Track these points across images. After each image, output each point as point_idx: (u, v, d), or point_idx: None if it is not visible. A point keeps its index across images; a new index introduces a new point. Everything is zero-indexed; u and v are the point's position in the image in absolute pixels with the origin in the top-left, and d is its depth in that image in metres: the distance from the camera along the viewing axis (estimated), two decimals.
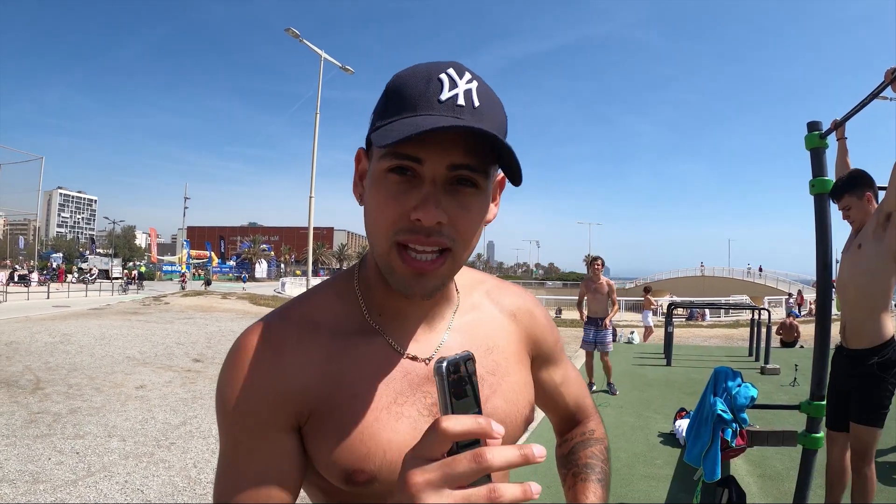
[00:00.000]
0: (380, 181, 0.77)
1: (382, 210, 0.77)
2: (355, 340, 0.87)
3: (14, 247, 63.43)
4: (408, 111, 0.74)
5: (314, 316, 0.88)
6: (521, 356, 1.02)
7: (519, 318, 1.05)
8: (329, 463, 0.81)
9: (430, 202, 0.74)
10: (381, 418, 0.82)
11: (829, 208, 3.10)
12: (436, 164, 0.74)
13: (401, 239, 0.77)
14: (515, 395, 0.95)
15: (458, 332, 0.94)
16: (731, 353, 13.34)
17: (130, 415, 6.91)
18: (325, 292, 0.94)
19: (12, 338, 12.91)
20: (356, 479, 0.80)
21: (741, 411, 3.70)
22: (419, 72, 0.78)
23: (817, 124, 3.10)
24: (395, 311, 0.90)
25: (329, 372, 0.84)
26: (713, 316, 29.27)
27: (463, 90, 0.75)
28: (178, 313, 21.16)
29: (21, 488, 4.62)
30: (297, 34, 25.65)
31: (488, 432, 0.55)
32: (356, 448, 0.80)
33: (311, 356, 0.84)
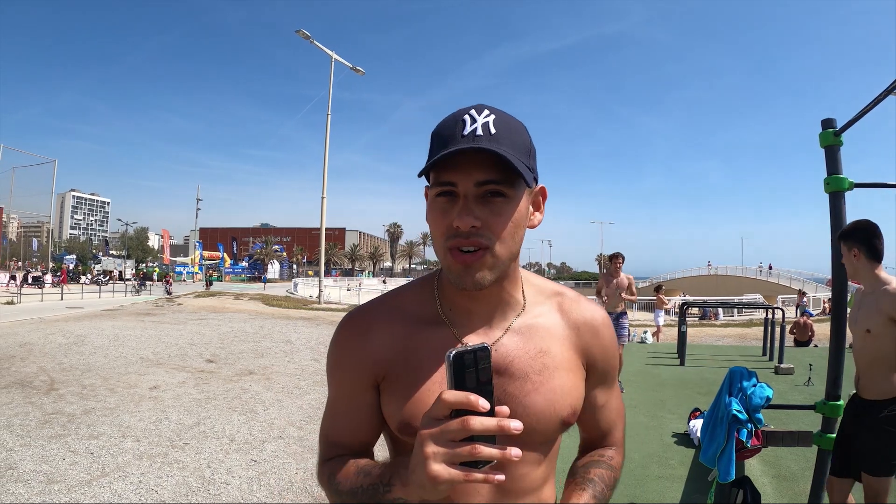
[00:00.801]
0: (432, 205, 1.02)
1: (437, 225, 1.00)
2: (427, 328, 1.10)
3: (28, 248, 63.85)
4: (442, 148, 0.96)
5: (400, 305, 1.14)
6: (575, 364, 1.15)
7: (582, 332, 1.18)
8: (391, 414, 1.08)
9: (463, 212, 0.96)
10: (432, 389, 1.03)
11: (844, 206, 3.08)
12: (466, 184, 0.96)
13: (451, 244, 0.98)
14: (556, 396, 1.09)
15: (515, 333, 1.11)
16: (744, 352, 13.28)
17: (144, 415, 6.93)
18: (413, 288, 1.19)
19: (26, 339, 13.01)
20: (407, 430, 1.04)
21: (756, 411, 3.68)
22: (451, 117, 1.00)
23: (831, 121, 3.08)
24: (462, 309, 1.11)
25: (404, 349, 1.08)
26: (726, 315, 29.11)
27: (481, 123, 0.96)
28: (191, 314, 21.25)
29: (36, 488, 4.65)
30: (307, 35, 25.76)
31: (474, 405, 0.76)
32: (411, 409, 1.04)
33: (393, 334, 1.10)
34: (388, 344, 1.09)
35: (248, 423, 6.73)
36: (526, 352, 1.10)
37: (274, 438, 6.18)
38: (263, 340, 14.32)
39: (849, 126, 3.02)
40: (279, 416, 7.09)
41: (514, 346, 1.10)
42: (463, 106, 1.02)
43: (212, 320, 19.06)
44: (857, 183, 3.07)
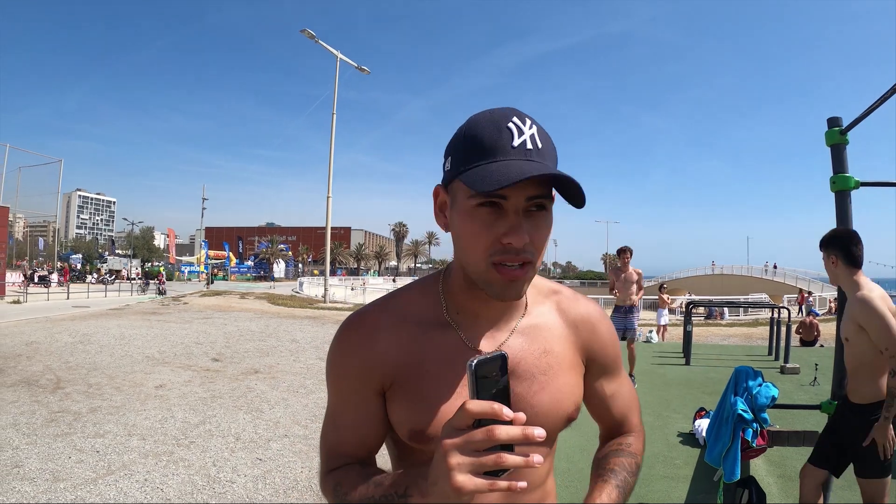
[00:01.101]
0: (471, 214, 0.96)
1: (478, 237, 0.96)
2: (434, 332, 1.09)
3: (34, 248, 64.08)
4: (489, 157, 0.94)
5: (404, 308, 1.12)
6: (575, 362, 1.18)
7: (580, 329, 1.20)
8: (401, 422, 1.06)
9: (520, 230, 0.93)
10: (444, 395, 1.03)
11: (851, 205, 3.07)
12: (517, 199, 0.94)
13: (496, 259, 0.96)
14: (561, 395, 1.12)
15: (520, 334, 1.12)
16: (750, 352, 13.25)
17: (150, 414, 6.96)
18: (415, 290, 1.16)
19: (33, 338, 13.05)
20: (418, 438, 1.04)
21: (762, 411, 3.67)
22: (490, 119, 0.97)
23: (837, 120, 3.07)
24: (469, 312, 1.11)
25: (411, 353, 1.07)
26: (732, 315, 29.07)
27: (529, 136, 0.95)
28: (197, 313, 21.29)
29: (41, 486, 4.66)
30: (312, 35, 25.78)
31: (500, 414, 0.74)
32: (423, 415, 1.03)
33: (398, 338, 1.07)
34: (394, 349, 1.07)
35: (254, 422, 6.74)
36: (531, 353, 1.12)
37: (279, 437, 6.19)
38: (269, 339, 14.35)
39: (855, 124, 3.01)
40: (284, 415, 7.11)
41: (520, 348, 1.11)
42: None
43: (217, 319, 19.10)
44: (863, 182, 3.06)
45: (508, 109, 0.98)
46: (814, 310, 21.83)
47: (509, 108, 0.99)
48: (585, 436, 5.68)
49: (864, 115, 2.95)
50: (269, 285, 53.72)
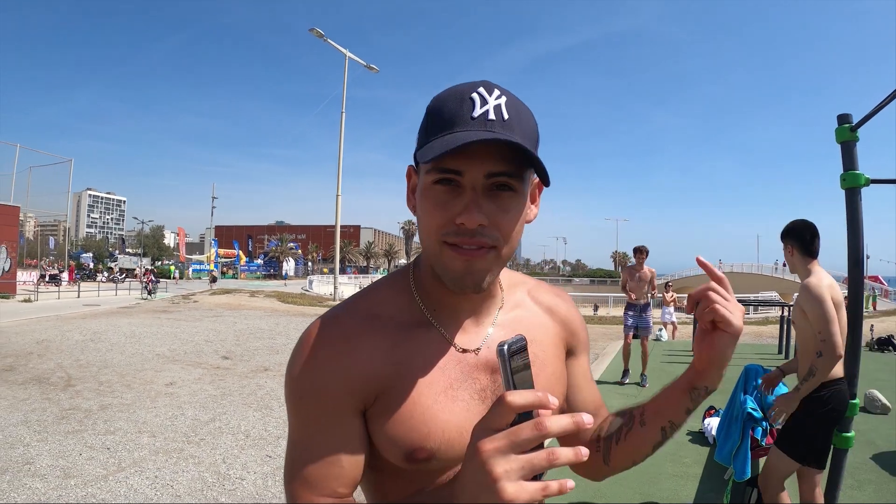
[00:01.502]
0: (427, 192, 0.88)
1: (431, 217, 0.87)
2: (414, 332, 0.97)
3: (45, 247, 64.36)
4: (446, 129, 0.84)
5: (376, 309, 0.99)
6: (558, 349, 1.12)
7: (555, 314, 1.14)
8: (392, 442, 0.91)
9: (472, 208, 0.83)
10: (439, 401, 0.93)
11: (861, 203, 3.05)
12: (474, 174, 0.84)
13: (449, 240, 0.87)
14: (551, 387, 1.04)
15: (502, 327, 1.04)
16: (760, 350, 13.19)
17: (160, 411, 7.00)
18: (385, 289, 1.04)
19: (44, 336, 13.13)
20: (417, 457, 0.91)
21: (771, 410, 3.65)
22: (454, 93, 0.88)
23: (847, 117, 3.05)
24: (447, 307, 1.00)
25: (392, 360, 0.94)
26: None
27: (493, 105, 0.84)
28: (207, 311, 21.37)
29: (52, 483, 4.70)
30: (321, 34, 25.80)
31: (546, 403, 0.65)
32: (418, 428, 0.90)
33: (376, 345, 0.94)
34: (372, 358, 0.93)
35: (264, 419, 6.77)
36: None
37: None
38: (278, 337, 14.39)
39: (865, 121, 2.99)
40: None
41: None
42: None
43: (227, 317, 19.17)
44: (874, 179, 3.04)
45: (480, 81, 0.88)
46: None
47: (481, 81, 0.89)
48: None
49: (874, 111, 2.93)
50: (281, 283, 53.89)
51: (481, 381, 0.98)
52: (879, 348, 13.16)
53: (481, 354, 0.99)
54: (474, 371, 0.98)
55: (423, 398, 0.92)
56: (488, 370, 0.99)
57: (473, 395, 0.96)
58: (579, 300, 39.19)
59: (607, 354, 11.62)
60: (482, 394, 0.97)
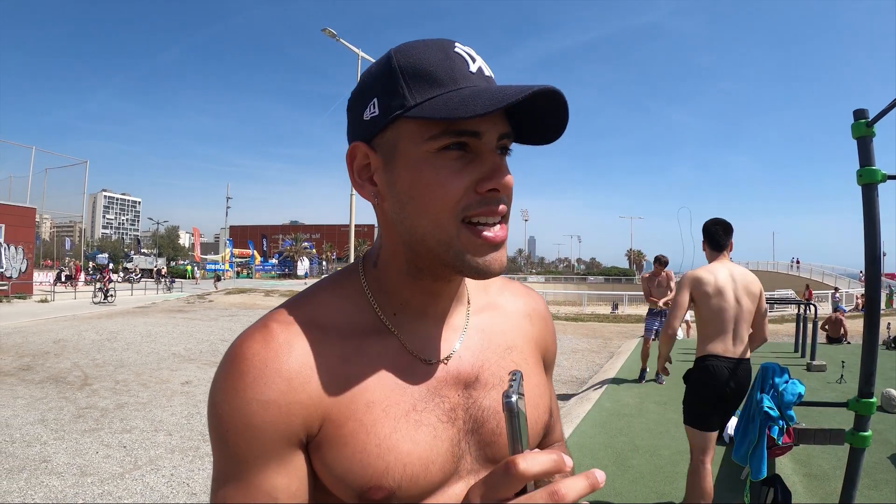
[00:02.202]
0: (430, 161, 0.73)
1: (443, 189, 0.72)
2: (367, 342, 0.80)
3: (61, 248, 64.82)
4: (447, 86, 0.72)
5: (320, 317, 0.81)
6: (537, 357, 0.97)
7: (533, 319, 1.00)
8: (341, 479, 0.74)
9: (503, 167, 0.73)
10: (399, 428, 0.76)
11: (878, 199, 3.02)
12: (491, 136, 0.73)
13: (470, 214, 0.73)
14: (536, 399, 0.90)
15: (475, 332, 0.89)
16: (776, 348, 13.09)
17: (176, 410, 7.05)
18: (328, 291, 0.86)
19: (60, 336, 13.24)
20: (373, 497, 0.74)
21: (788, 408, 3.63)
22: (428, 49, 0.75)
23: (864, 112, 3.02)
24: (412, 310, 0.84)
25: (341, 377, 0.77)
26: None
27: (482, 63, 0.76)
28: (222, 311, 21.48)
29: (69, 481, 4.74)
30: (333, 34, 25.81)
31: (564, 468, 0.54)
32: (374, 462, 0.74)
33: (320, 361, 0.77)
34: (315, 376, 0.75)
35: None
36: (494, 352, 0.89)
37: None
38: None
39: (881, 116, 2.96)
40: None
41: (479, 348, 0.88)
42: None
43: (243, 317, 19.25)
44: (891, 175, 3.01)
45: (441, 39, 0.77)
46: (841, 306, 21.54)
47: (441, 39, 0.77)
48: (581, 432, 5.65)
49: (890, 106, 2.90)
50: (300, 282, 54.08)
51: (451, 399, 0.81)
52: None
53: (451, 365, 0.84)
54: (442, 387, 0.82)
55: (378, 425, 0.75)
56: (459, 385, 0.83)
57: (441, 418, 0.80)
58: (595, 298, 39.12)
59: (622, 353, 11.61)
60: (451, 414, 0.81)
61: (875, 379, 3.13)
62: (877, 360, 3.12)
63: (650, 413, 6.84)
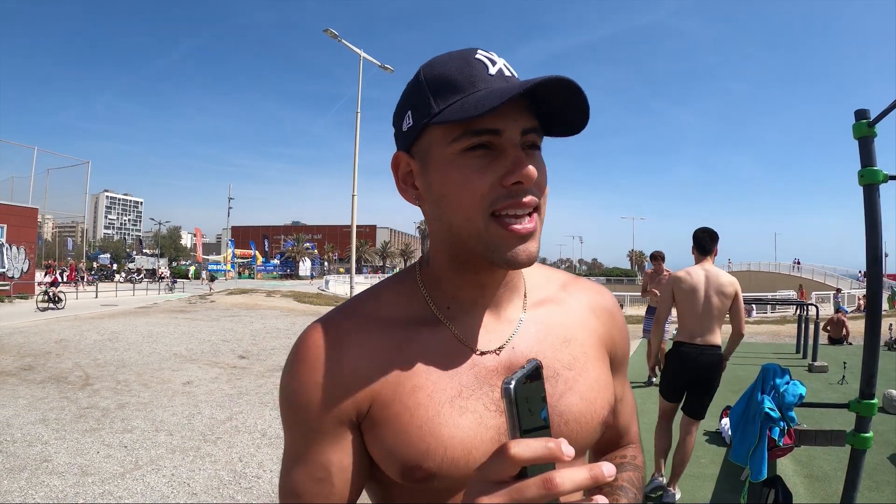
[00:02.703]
0: (456, 162, 0.77)
1: (470, 185, 0.77)
2: (420, 332, 0.86)
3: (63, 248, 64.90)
4: (466, 90, 0.76)
5: (377, 310, 0.88)
6: (601, 353, 0.97)
7: (599, 314, 1.00)
8: (387, 456, 0.81)
9: (525, 161, 0.75)
10: (443, 412, 0.80)
11: (879, 199, 3.02)
12: (512, 132, 0.76)
13: (498, 208, 0.77)
14: (593, 394, 0.89)
15: (531, 323, 0.91)
16: (777, 349, 13.10)
17: (177, 410, 7.05)
18: (388, 288, 0.93)
19: (62, 336, 13.24)
20: (414, 476, 0.79)
21: (789, 409, 3.62)
22: (452, 58, 0.81)
23: (865, 112, 3.02)
24: (463, 303, 0.88)
25: (391, 363, 0.83)
26: (759, 312, 28.73)
27: (502, 64, 0.79)
28: (224, 311, 21.46)
29: (70, 480, 4.74)
30: (335, 34, 25.85)
31: (559, 456, 0.54)
32: (415, 443, 0.78)
33: (373, 349, 0.83)
34: (367, 363, 0.82)
35: (280, 419, 6.78)
36: (549, 344, 0.89)
37: None
38: (295, 337, 14.28)
39: (883, 116, 2.96)
40: None
41: (534, 340, 0.89)
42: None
43: (244, 317, 19.24)
44: (892, 175, 3.01)
45: (468, 48, 0.82)
46: (842, 307, 21.52)
47: (467, 48, 0.82)
48: None
49: (892, 106, 2.90)
50: (306, 282, 54.14)
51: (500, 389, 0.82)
52: None
53: (503, 356, 0.86)
54: (492, 376, 0.84)
55: (422, 409, 0.80)
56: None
57: (489, 406, 0.82)
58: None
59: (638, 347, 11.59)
60: (499, 404, 0.82)
61: (876, 380, 3.12)
62: (878, 362, 3.11)
63: (651, 413, 6.82)
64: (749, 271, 59.94)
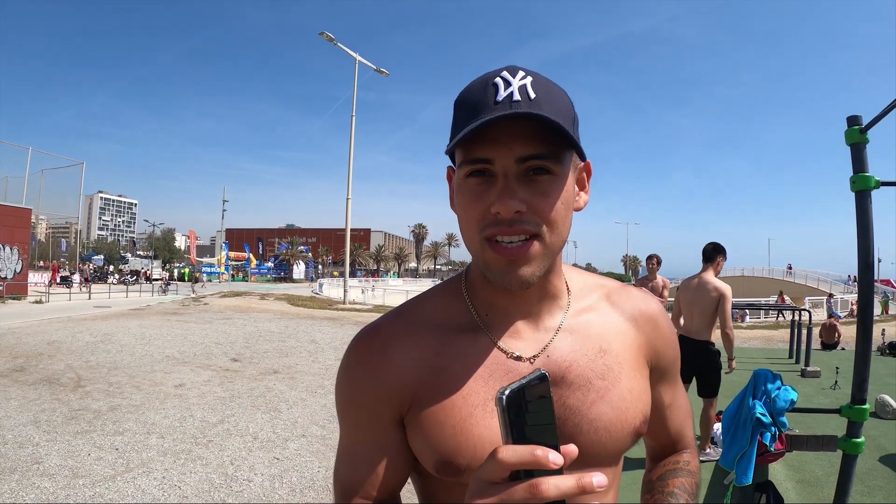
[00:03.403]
0: (462, 188, 0.83)
1: (468, 211, 0.83)
2: (460, 337, 0.91)
3: (56, 249, 64.75)
4: (471, 119, 0.78)
5: (424, 314, 0.95)
6: (639, 363, 0.98)
7: (640, 324, 1.01)
8: (423, 451, 0.87)
9: (504, 195, 0.78)
10: (475, 414, 0.85)
11: (871, 205, 3.02)
12: (505, 160, 0.79)
13: (488, 233, 0.81)
14: (625, 403, 0.91)
15: (568, 333, 0.94)
16: (770, 354, 13.12)
17: (169, 412, 7.02)
18: (437, 293, 1.00)
19: (54, 337, 13.19)
20: (447, 470, 0.85)
21: (781, 415, 3.63)
22: (478, 81, 0.83)
23: (857, 118, 3.02)
24: (500, 310, 0.93)
25: (433, 366, 0.89)
26: (752, 317, 28.80)
27: (517, 86, 0.78)
28: (217, 313, 21.41)
29: (61, 482, 4.72)
30: (331, 38, 25.87)
31: (543, 462, 0.57)
32: (448, 441, 0.84)
33: (418, 351, 0.90)
34: (410, 365, 0.89)
35: (272, 422, 6.78)
36: (584, 353, 0.92)
37: (297, 437, 6.22)
38: (288, 340, 14.39)
39: (875, 123, 2.97)
40: (302, 415, 7.15)
41: (569, 349, 0.92)
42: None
43: (237, 320, 19.20)
44: (884, 181, 3.02)
45: (505, 66, 0.83)
46: (835, 312, 21.55)
47: (507, 66, 0.83)
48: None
49: (884, 112, 2.91)
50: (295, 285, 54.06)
51: None
52: (891, 352, 13.07)
53: (538, 363, 0.89)
54: None
55: (456, 410, 0.86)
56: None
57: None
58: None
59: None
60: None
61: (868, 385, 3.13)
62: (870, 367, 3.12)
63: None
64: (743, 276, 60.08)
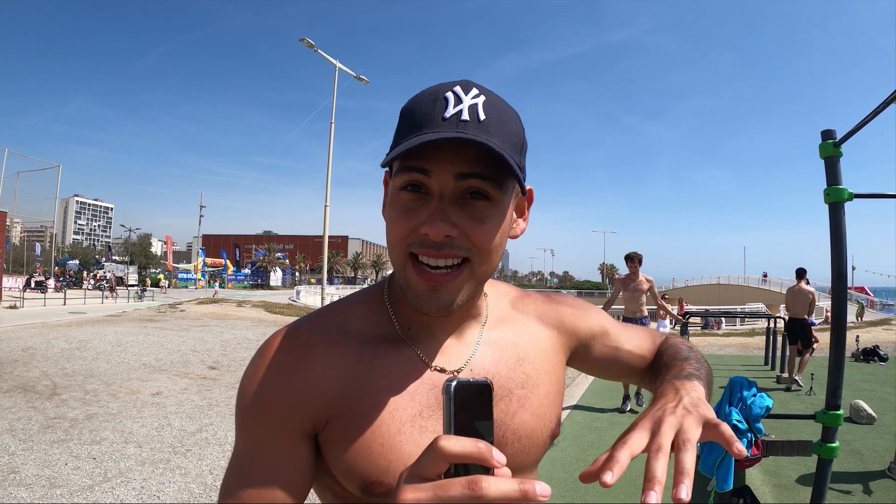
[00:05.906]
0: (394, 199, 0.80)
1: (396, 225, 0.79)
2: (384, 349, 0.87)
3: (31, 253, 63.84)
4: (415, 132, 0.75)
5: (344, 323, 0.89)
6: (554, 365, 1.00)
7: (545, 320, 1.04)
8: (347, 471, 0.81)
9: (437, 216, 0.75)
10: (404, 430, 0.81)
11: (844, 217, 3.09)
12: (443, 178, 0.75)
13: (414, 250, 0.78)
14: (543, 410, 0.93)
15: (488, 346, 0.93)
16: (746, 361, 13.25)
17: (147, 421, 6.95)
18: (356, 302, 0.95)
19: (29, 343, 13.00)
20: (374, 490, 0.80)
21: (756, 421, 3.68)
22: (428, 93, 0.79)
23: (831, 133, 3.09)
24: (423, 324, 0.90)
25: (354, 378, 0.84)
26: (729, 325, 29.06)
27: (468, 105, 0.75)
28: (194, 321, 21.22)
29: (38, 493, 4.66)
30: (311, 44, 25.78)
31: (487, 458, 0.54)
32: (376, 460, 0.80)
33: (338, 362, 0.84)
34: (331, 375, 0.83)
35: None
36: (505, 364, 0.93)
37: None
38: None
39: (848, 137, 3.04)
40: None
41: (491, 360, 0.92)
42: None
43: (214, 327, 19.04)
44: (857, 193, 3.08)
45: (459, 80, 0.79)
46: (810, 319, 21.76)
47: (461, 80, 0.80)
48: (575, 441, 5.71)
49: (857, 128, 2.98)
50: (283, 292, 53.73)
51: None
52: (865, 358, 13.24)
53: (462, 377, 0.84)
54: None
55: (384, 426, 0.81)
56: None
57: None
58: None
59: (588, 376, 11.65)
60: None
61: (842, 392, 3.19)
62: (843, 374, 3.19)
63: (620, 425, 6.88)
64: (718, 285, 60.62)
